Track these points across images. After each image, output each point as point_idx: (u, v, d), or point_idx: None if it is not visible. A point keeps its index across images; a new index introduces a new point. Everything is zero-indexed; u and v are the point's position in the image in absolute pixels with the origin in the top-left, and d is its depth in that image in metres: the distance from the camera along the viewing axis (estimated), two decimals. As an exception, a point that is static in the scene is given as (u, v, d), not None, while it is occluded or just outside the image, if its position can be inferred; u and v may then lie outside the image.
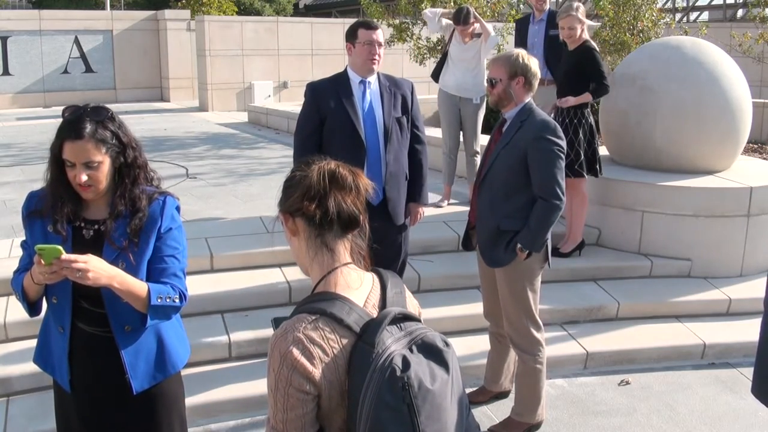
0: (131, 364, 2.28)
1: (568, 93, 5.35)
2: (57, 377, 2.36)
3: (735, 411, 4.05)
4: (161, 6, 19.97)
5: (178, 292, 2.27)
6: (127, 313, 2.24)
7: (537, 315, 3.65)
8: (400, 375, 1.42)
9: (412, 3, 9.76)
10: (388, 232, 3.82)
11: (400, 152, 3.83)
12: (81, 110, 2.19)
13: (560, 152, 3.44)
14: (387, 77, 3.89)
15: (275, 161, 8.70)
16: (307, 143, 3.77)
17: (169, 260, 2.28)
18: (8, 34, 14.87)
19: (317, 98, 3.80)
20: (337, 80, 3.85)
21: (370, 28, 3.76)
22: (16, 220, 5.63)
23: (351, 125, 3.71)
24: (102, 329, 2.27)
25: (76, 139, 2.13)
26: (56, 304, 2.27)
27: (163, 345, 2.37)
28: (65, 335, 2.28)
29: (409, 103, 3.87)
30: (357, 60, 3.77)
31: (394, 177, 3.81)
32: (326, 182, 1.58)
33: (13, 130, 11.58)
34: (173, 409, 2.45)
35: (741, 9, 21.74)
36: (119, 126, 2.23)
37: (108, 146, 2.18)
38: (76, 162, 2.15)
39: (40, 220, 2.26)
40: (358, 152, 3.70)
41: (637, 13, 9.50)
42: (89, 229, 2.26)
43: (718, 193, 5.42)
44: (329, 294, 1.56)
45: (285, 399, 1.47)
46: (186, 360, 2.47)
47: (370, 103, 3.78)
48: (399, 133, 3.81)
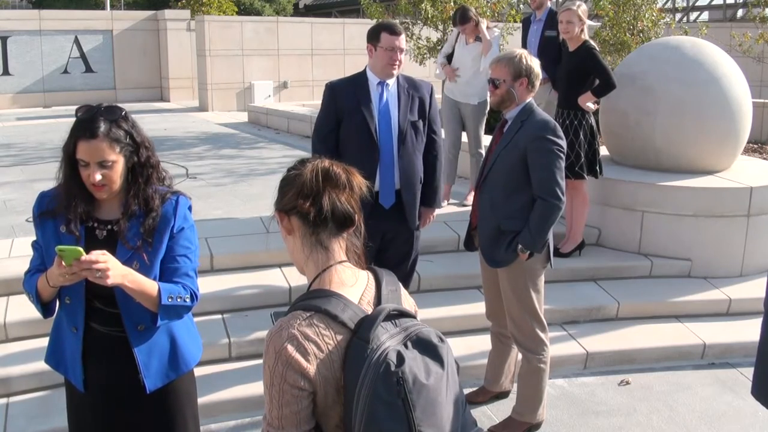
0: (144, 363, 2.28)
1: (572, 94, 5.34)
2: (70, 377, 2.35)
3: (735, 411, 4.04)
4: (161, 6, 19.98)
5: (190, 291, 2.27)
6: (140, 312, 2.24)
7: (542, 315, 3.65)
8: (395, 370, 1.43)
9: (412, 3, 9.77)
10: (400, 234, 3.83)
11: (415, 156, 3.79)
12: (95, 110, 2.19)
13: (560, 152, 3.44)
14: (406, 79, 3.84)
15: (275, 161, 8.70)
16: (326, 142, 3.76)
17: (182, 260, 2.29)
18: (8, 34, 14.87)
19: (335, 98, 3.78)
20: (356, 81, 3.82)
21: (394, 33, 3.69)
22: (16, 220, 5.63)
23: (366, 126, 3.69)
24: (115, 329, 2.27)
25: (90, 138, 2.13)
26: (69, 304, 2.27)
27: (176, 343, 2.37)
28: (78, 335, 2.28)
29: (426, 106, 3.82)
30: (377, 63, 3.72)
31: (408, 180, 3.78)
32: (320, 180, 1.58)
33: (13, 130, 11.58)
34: (186, 407, 2.46)
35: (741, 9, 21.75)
36: (133, 125, 2.23)
37: (122, 146, 2.18)
38: (90, 161, 2.14)
39: (52, 221, 2.25)
40: (372, 154, 3.68)
41: (637, 13, 9.50)
42: (102, 229, 2.26)
43: (718, 193, 5.42)
44: (324, 291, 1.56)
45: (280, 395, 1.48)
46: (199, 358, 2.47)
47: (387, 105, 3.74)
48: (414, 137, 3.77)
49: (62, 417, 3.62)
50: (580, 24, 5.30)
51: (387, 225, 3.72)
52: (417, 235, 3.93)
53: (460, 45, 6.38)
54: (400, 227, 3.80)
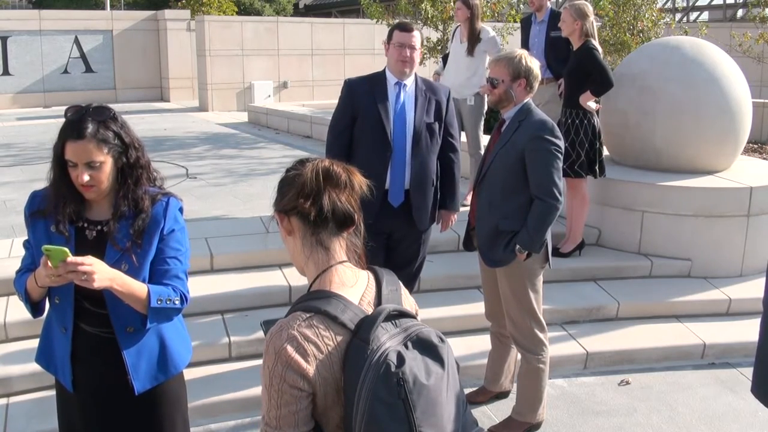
0: (133, 365, 2.28)
1: (574, 93, 5.35)
2: (59, 377, 2.36)
3: (735, 411, 4.05)
4: (161, 6, 19.97)
5: (179, 294, 2.27)
6: (129, 314, 2.24)
7: (541, 315, 3.65)
8: (395, 370, 1.43)
9: (412, 3, 9.76)
10: (408, 236, 3.83)
11: (429, 158, 3.79)
12: (83, 110, 2.18)
13: (557, 152, 3.43)
14: (425, 81, 3.86)
15: (275, 161, 8.71)
16: (340, 139, 3.76)
17: (172, 262, 2.28)
18: (8, 34, 14.87)
19: (352, 95, 3.79)
20: (374, 79, 3.84)
21: (404, 30, 3.73)
22: (16, 220, 5.63)
23: (381, 126, 3.69)
24: (104, 330, 2.27)
25: (78, 139, 2.13)
26: (58, 304, 2.27)
27: (165, 346, 2.37)
28: (68, 335, 2.28)
29: (443, 109, 3.83)
30: (390, 60, 3.77)
31: (419, 182, 3.78)
32: (320, 180, 1.58)
33: (13, 130, 11.58)
34: (176, 410, 2.45)
35: (741, 9, 21.75)
36: (122, 126, 2.23)
37: (110, 146, 2.17)
38: (78, 162, 2.14)
39: (42, 220, 2.25)
40: (384, 153, 3.68)
41: (637, 13, 9.51)
42: (92, 229, 2.26)
43: (718, 193, 5.42)
44: (324, 292, 1.56)
45: (279, 395, 1.48)
46: (188, 361, 2.47)
47: (403, 105, 3.75)
48: (429, 139, 3.77)
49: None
50: (574, 22, 5.30)
51: (394, 224, 3.74)
52: (425, 238, 3.94)
53: (456, 42, 6.41)
54: (408, 228, 3.81)
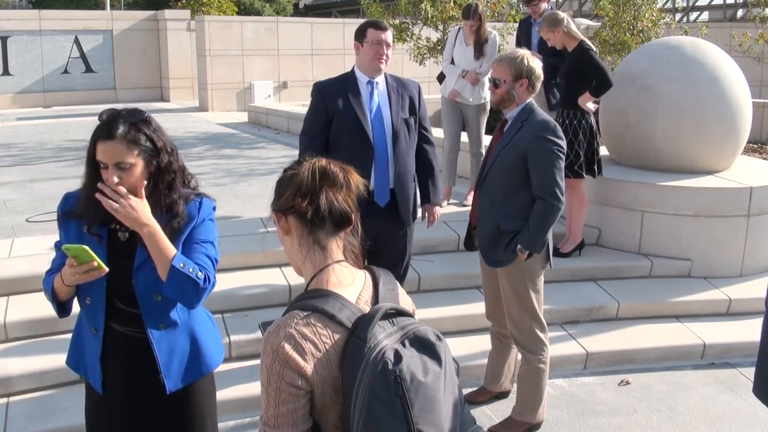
0: (165, 364, 2.26)
1: (571, 94, 5.35)
2: (90, 378, 2.34)
3: (735, 411, 4.04)
4: (161, 6, 19.98)
5: (205, 273, 2.22)
6: (161, 312, 2.23)
7: (541, 315, 3.65)
8: (392, 368, 1.43)
9: (412, 3, 9.76)
10: (395, 233, 3.83)
11: (408, 153, 3.81)
12: (116, 112, 2.19)
13: (560, 152, 3.43)
14: (394, 78, 3.86)
15: (275, 161, 8.70)
16: (314, 143, 3.73)
17: (202, 245, 2.27)
18: (8, 34, 14.87)
19: (325, 98, 3.77)
20: (345, 80, 3.82)
21: (379, 28, 3.72)
22: (17, 220, 5.62)
23: (359, 126, 3.68)
24: (136, 329, 2.26)
25: (108, 139, 2.13)
26: (90, 304, 2.26)
27: (198, 345, 2.35)
28: (98, 336, 2.27)
29: (416, 104, 3.84)
30: (364, 59, 3.73)
31: (402, 178, 3.79)
32: (317, 179, 1.59)
33: (13, 130, 11.58)
34: (206, 410, 2.43)
35: (741, 9, 21.75)
36: (154, 130, 2.22)
37: (140, 148, 2.16)
38: (108, 163, 2.14)
39: (75, 221, 2.25)
40: (366, 153, 3.67)
41: (637, 13, 9.52)
42: (124, 231, 2.25)
43: (718, 193, 5.42)
44: (321, 291, 1.57)
45: (277, 394, 1.48)
46: (220, 361, 2.44)
47: (378, 104, 3.75)
48: (407, 134, 3.78)
49: (62, 417, 3.65)
50: (554, 33, 5.36)
51: (381, 225, 3.71)
52: (410, 235, 3.93)
53: (461, 45, 6.38)
54: (394, 226, 3.80)
